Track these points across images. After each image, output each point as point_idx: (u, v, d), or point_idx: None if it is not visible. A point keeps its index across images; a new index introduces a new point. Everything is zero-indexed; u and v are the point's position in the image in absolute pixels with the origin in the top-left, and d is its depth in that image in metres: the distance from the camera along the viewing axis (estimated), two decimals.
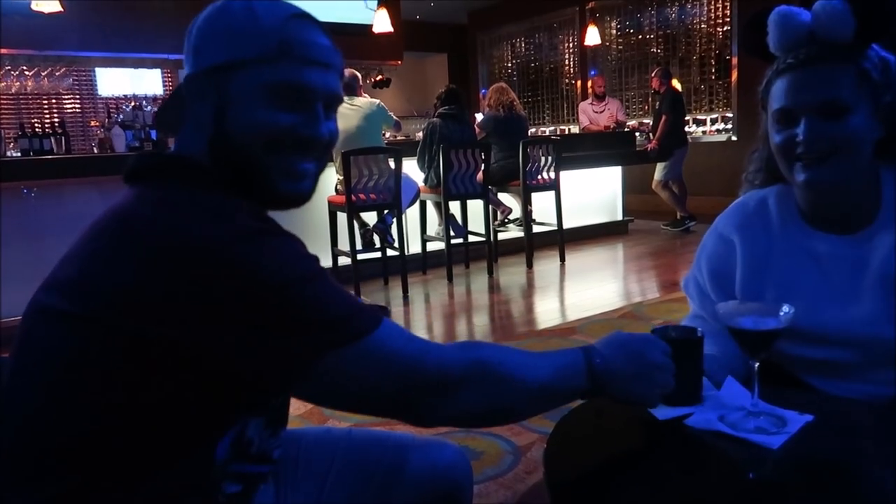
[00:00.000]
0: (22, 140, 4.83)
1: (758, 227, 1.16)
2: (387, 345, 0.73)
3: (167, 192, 0.74)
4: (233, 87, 0.76)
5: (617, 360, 0.85)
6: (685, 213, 6.39)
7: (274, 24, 0.76)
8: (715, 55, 7.75)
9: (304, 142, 0.79)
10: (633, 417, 0.95)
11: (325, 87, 0.80)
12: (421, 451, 0.96)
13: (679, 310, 3.63)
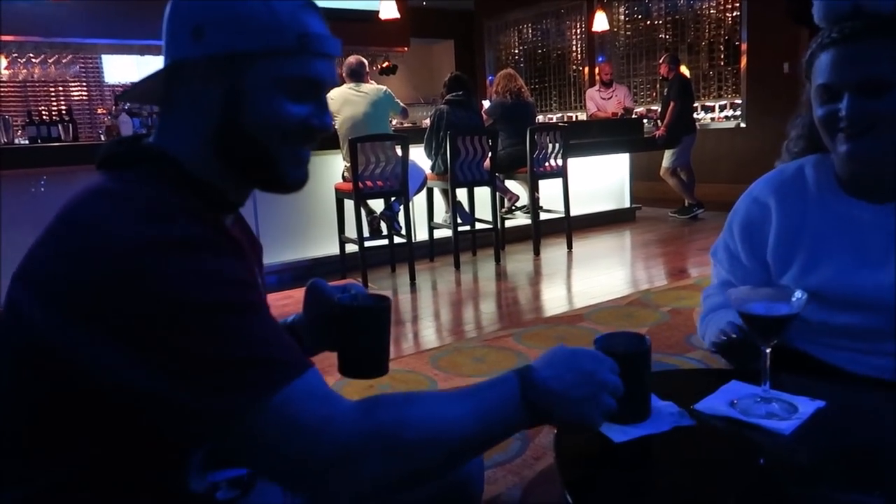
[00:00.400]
0: (30, 127, 4.84)
1: (794, 193, 1.18)
2: (293, 405, 0.65)
3: (115, 184, 0.71)
4: (249, 77, 0.74)
5: (560, 383, 0.76)
6: (693, 200, 6.36)
7: (290, 16, 0.75)
8: (724, 41, 7.67)
9: (314, 132, 0.79)
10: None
11: (331, 78, 0.80)
12: None
13: (687, 297, 3.62)
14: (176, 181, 0.74)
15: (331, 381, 0.71)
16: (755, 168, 5.87)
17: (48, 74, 5.95)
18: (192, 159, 0.76)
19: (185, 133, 0.77)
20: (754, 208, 1.22)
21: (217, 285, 0.65)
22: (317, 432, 0.65)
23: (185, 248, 0.65)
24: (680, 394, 0.98)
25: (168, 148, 0.77)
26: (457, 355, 2.91)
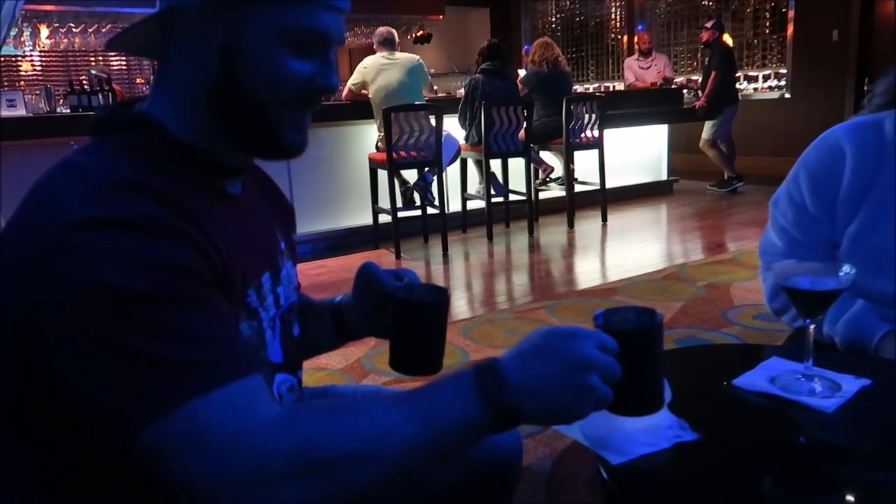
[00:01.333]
0: (71, 97, 4.92)
1: (871, 145, 1.13)
2: (202, 416, 0.57)
3: (82, 155, 0.67)
4: (249, 26, 0.68)
5: (530, 372, 0.64)
6: (733, 173, 6.21)
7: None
8: (770, 7, 7.39)
9: (318, 92, 0.73)
10: (684, 376, 0.92)
11: (339, 33, 0.73)
12: None
13: (724, 272, 3.55)
14: (157, 148, 0.69)
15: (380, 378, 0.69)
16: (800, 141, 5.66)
17: (88, 44, 6.02)
18: (182, 121, 0.71)
19: (177, 90, 0.71)
20: (828, 154, 1.17)
21: (146, 271, 0.58)
22: (224, 449, 0.57)
23: (119, 227, 0.59)
24: (717, 369, 0.96)
25: (157, 110, 0.72)
26: (489, 326, 2.91)
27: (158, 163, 0.68)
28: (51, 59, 7.57)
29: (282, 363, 0.81)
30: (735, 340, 2.62)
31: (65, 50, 6.62)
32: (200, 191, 0.71)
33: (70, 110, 4.89)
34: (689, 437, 0.79)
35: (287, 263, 0.88)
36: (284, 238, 0.90)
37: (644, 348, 0.70)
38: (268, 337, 0.78)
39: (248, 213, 0.80)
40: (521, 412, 0.63)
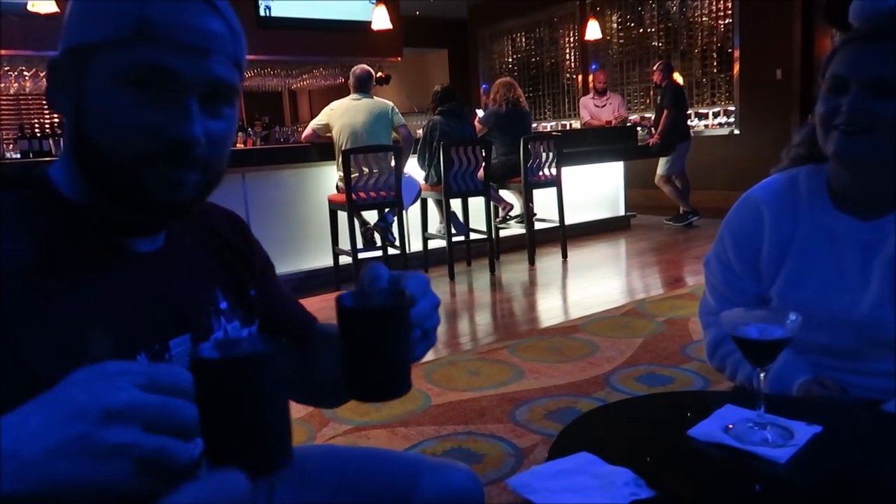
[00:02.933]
0: (22, 141, 4.82)
1: (786, 203, 1.16)
2: None
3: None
4: (89, 75, 0.65)
5: (20, 436, 0.44)
6: (688, 207, 6.36)
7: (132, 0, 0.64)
8: (717, 48, 7.69)
9: (175, 145, 0.65)
10: (639, 427, 0.92)
11: (198, 75, 0.65)
12: (432, 472, 0.93)
13: (683, 306, 3.61)
14: (40, 207, 0.67)
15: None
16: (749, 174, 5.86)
17: (40, 88, 5.92)
18: (72, 179, 0.69)
19: (65, 148, 0.70)
20: (747, 216, 1.20)
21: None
22: None
23: None
24: (673, 419, 0.96)
25: (55, 169, 0.70)
26: (451, 369, 2.88)
27: (34, 220, 0.66)
28: (1, 103, 7.42)
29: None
30: (695, 376, 2.64)
31: (16, 94, 6.49)
32: (86, 250, 0.68)
33: (20, 155, 4.79)
34: (645, 494, 0.78)
35: (229, 325, 0.81)
36: (233, 296, 0.84)
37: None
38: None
39: (164, 271, 0.75)
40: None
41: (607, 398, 2.46)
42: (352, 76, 4.56)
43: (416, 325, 0.68)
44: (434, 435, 2.24)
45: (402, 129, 4.51)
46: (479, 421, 2.33)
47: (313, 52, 6.43)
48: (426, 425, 2.31)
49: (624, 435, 0.95)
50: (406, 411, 2.44)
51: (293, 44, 6.18)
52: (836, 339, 1.07)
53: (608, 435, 0.96)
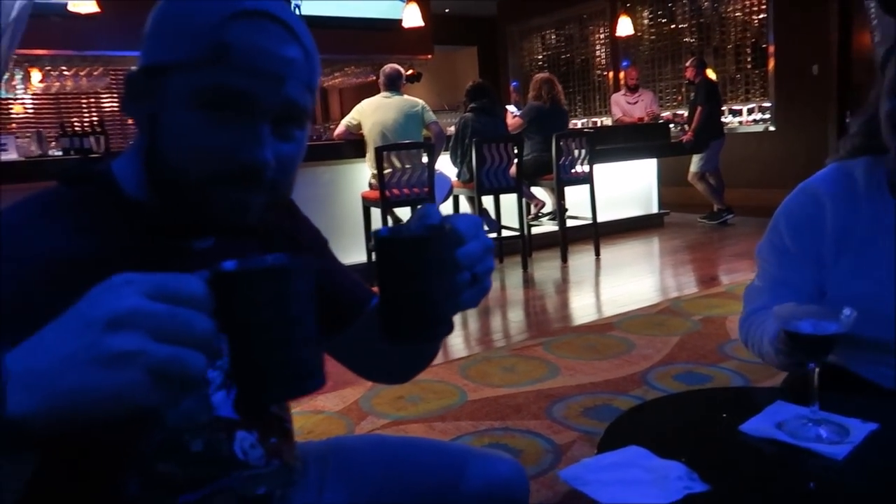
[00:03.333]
0: (63, 139, 4.94)
1: (846, 194, 1.15)
2: None
3: (14, 207, 0.67)
4: (166, 93, 0.66)
5: (34, 355, 0.45)
6: (722, 205, 6.27)
7: (210, 21, 0.64)
8: (751, 44, 7.57)
9: (244, 169, 0.65)
10: (689, 422, 0.92)
11: (272, 100, 0.65)
12: (479, 463, 0.94)
13: (719, 305, 3.56)
14: (103, 203, 0.69)
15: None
16: (785, 171, 5.83)
17: (80, 87, 6.06)
18: (137, 180, 0.70)
19: (135, 151, 0.71)
20: (807, 205, 1.18)
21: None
22: None
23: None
24: (722, 414, 0.96)
25: (119, 167, 0.72)
26: (486, 365, 2.89)
27: (97, 218, 0.68)
28: (42, 102, 7.60)
29: (239, 421, 0.77)
30: (734, 375, 2.61)
31: (56, 93, 6.65)
32: (144, 246, 0.69)
33: (62, 153, 4.90)
34: (699, 489, 0.78)
35: None
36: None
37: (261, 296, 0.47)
38: (217, 398, 0.74)
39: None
40: (6, 415, 0.43)
41: (645, 396, 2.44)
42: (382, 75, 4.59)
43: (464, 268, 0.63)
44: (471, 430, 2.25)
45: (434, 125, 4.53)
46: (516, 417, 2.33)
47: (344, 51, 6.48)
48: (463, 420, 2.33)
49: (674, 429, 0.95)
50: (442, 406, 2.45)
51: (324, 42, 6.14)
52: (891, 335, 1.06)
53: (657, 429, 0.96)
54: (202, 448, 0.72)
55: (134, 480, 0.69)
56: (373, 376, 0.96)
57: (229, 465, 0.75)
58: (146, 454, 0.69)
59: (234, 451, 0.76)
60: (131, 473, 0.69)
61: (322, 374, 0.51)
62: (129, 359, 0.44)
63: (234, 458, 0.75)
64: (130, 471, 0.69)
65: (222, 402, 0.75)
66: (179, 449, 0.71)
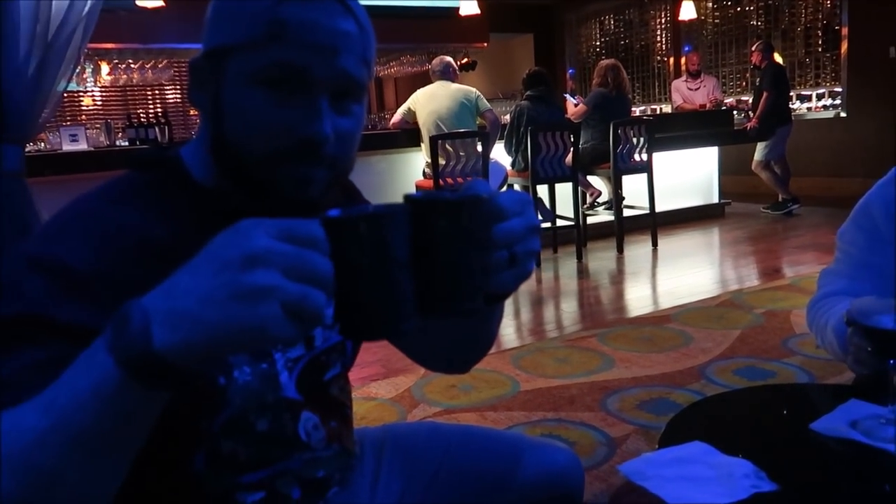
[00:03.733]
0: (129, 130, 5.12)
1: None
2: None
3: (96, 193, 0.70)
4: (226, 76, 0.67)
5: (172, 294, 0.48)
6: (787, 195, 6.03)
7: (267, 1, 0.65)
8: (822, 25, 7.23)
9: (306, 144, 0.66)
10: (756, 418, 0.88)
11: (329, 73, 0.66)
12: (535, 452, 0.93)
13: (783, 298, 3.43)
14: (173, 187, 0.71)
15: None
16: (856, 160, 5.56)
17: (145, 79, 6.26)
18: (204, 166, 0.72)
19: (201, 138, 0.73)
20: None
21: (16, 300, 0.59)
22: None
23: (35, 266, 0.61)
24: (792, 411, 0.92)
25: (187, 154, 0.74)
26: (539, 355, 2.86)
27: (169, 202, 0.70)
28: (110, 93, 7.89)
29: (304, 402, 0.78)
30: (799, 371, 2.51)
31: (124, 85, 6.89)
32: (214, 231, 0.70)
33: (128, 143, 5.08)
34: (768, 488, 0.75)
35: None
36: None
37: (372, 239, 0.50)
38: (282, 379, 0.76)
39: None
40: (152, 351, 0.46)
41: (703, 391, 2.37)
42: (431, 69, 4.59)
43: (502, 245, 0.59)
44: (524, 421, 2.23)
45: (489, 113, 4.49)
46: (569, 408, 2.30)
47: (400, 40, 6.49)
48: (515, 410, 2.31)
49: (740, 426, 0.92)
50: (495, 396, 2.44)
51: (380, 31, 6.14)
52: None
53: (721, 425, 0.93)
54: (267, 427, 0.74)
55: (200, 458, 0.71)
56: (430, 363, 0.95)
57: (292, 446, 0.77)
58: (214, 432, 0.71)
59: (298, 431, 0.77)
60: (199, 451, 0.71)
61: (417, 315, 0.55)
62: (266, 294, 0.45)
63: (298, 439, 0.77)
64: (199, 448, 0.71)
65: (286, 383, 0.76)
66: (246, 428, 0.73)
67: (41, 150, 4.38)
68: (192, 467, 0.71)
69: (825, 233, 5.10)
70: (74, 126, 5.14)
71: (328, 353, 0.83)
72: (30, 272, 0.61)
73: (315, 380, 0.81)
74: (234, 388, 0.71)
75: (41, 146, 4.66)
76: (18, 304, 0.59)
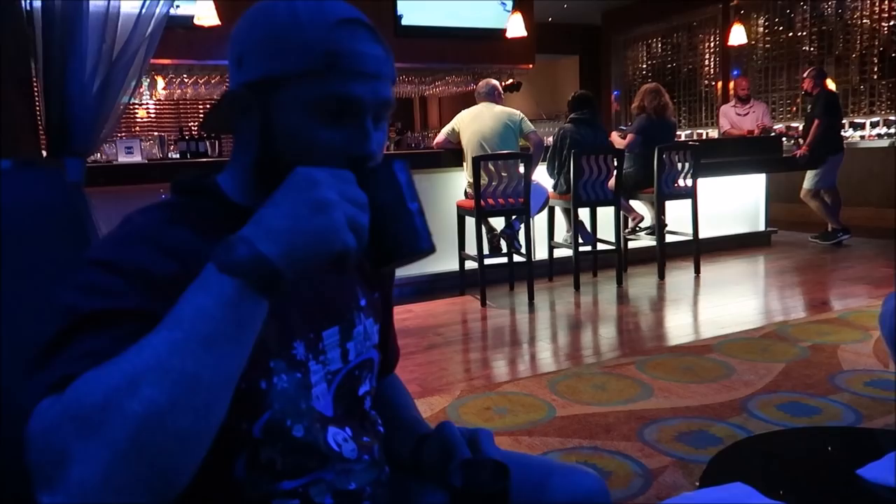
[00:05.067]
0: (181, 143, 5.28)
1: None
2: (29, 406, 0.56)
3: (144, 211, 0.75)
4: (278, 103, 0.72)
5: (265, 221, 0.61)
6: (838, 225, 5.87)
7: (320, 33, 0.71)
8: (878, 52, 7.06)
9: (356, 163, 0.72)
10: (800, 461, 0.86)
11: (374, 99, 0.73)
12: (563, 476, 0.93)
13: (831, 332, 3.34)
14: (213, 211, 0.76)
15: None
16: None
17: (198, 94, 6.44)
18: (243, 189, 0.77)
19: (238, 163, 0.78)
20: None
21: (89, 296, 0.64)
22: (24, 441, 0.54)
23: (102, 266, 0.67)
24: (837, 454, 0.89)
25: (224, 179, 0.79)
26: (576, 381, 2.83)
27: (210, 223, 0.74)
28: (164, 107, 8.15)
29: (332, 417, 0.81)
30: (845, 409, 2.44)
31: (177, 99, 7.10)
32: None
33: (180, 156, 5.23)
34: None
35: (367, 321, 0.88)
36: (367, 296, 0.91)
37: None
38: (318, 391, 0.80)
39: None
40: (265, 258, 0.58)
41: (745, 425, 2.32)
42: (479, 89, 4.62)
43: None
44: (559, 447, 2.21)
45: (533, 135, 4.50)
46: (606, 437, 2.27)
47: (445, 60, 6.55)
48: (550, 436, 2.29)
49: (783, 468, 0.90)
50: (530, 420, 2.42)
51: (426, 51, 6.32)
52: None
53: (765, 466, 0.91)
54: (302, 434, 0.77)
55: (241, 463, 0.74)
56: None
57: (325, 455, 0.79)
58: (254, 437, 0.74)
59: (329, 442, 0.80)
60: (240, 456, 0.74)
61: (432, 242, 0.71)
62: (334, 206, 0.60)
63: (330, 449, 0.80)
64: (240, 453, 0.74)
65: (324, 395, 0.80)
66: (284, 433, 0.76)
67: (97, 161, 4.54)
68: (233, 473, 0.74)
69: (877, 265, 4.95)
70: (130, 138, 5.32)
71: (360, 367, 0.87)
72: (105, 272, 0.66)
73: (351, 393, 0.85)
74: (274, 393, 0.74)
75: (98, 156, 4.83)
76: (97, 300, 0.63)
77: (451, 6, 6.30)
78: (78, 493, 0.50)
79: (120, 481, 0.51)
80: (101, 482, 0.51)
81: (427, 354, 3.25)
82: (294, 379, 0.77)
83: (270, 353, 0.75)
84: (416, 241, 0.69)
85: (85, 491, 0.50)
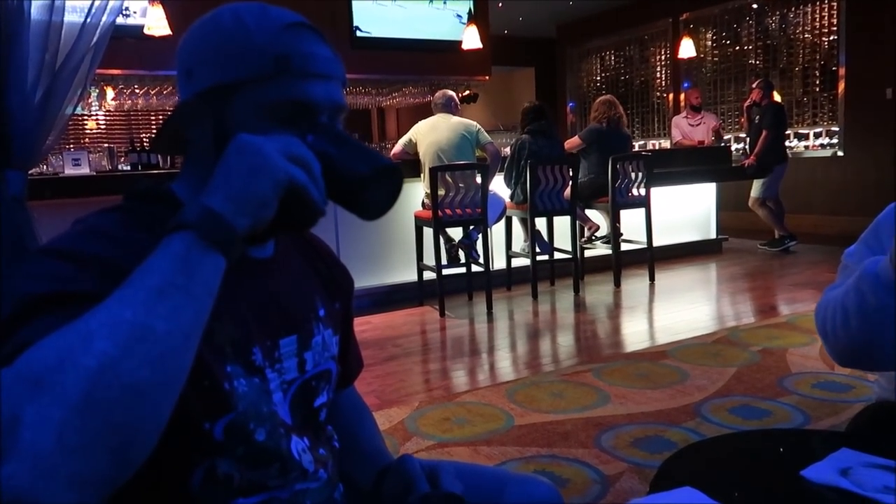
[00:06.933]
0: (132, 154, 5.15)
1: None
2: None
3: (98, 214, 0.74)
4: (231, 110, 0.72)
5: (213, 178, 0.63)
6: (784, 231, 6.06)
7: (268, 38, 0.71)
8: (820, 66, 7.34)
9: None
10: (747, 464, 0.88)
11: (327, 99, 0.74)
12: (517, 485, 0.94)
13: (780, 336, 3.43)
14: (168, 217, 0.71)
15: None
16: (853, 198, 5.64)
17: (150, 105, 6.31)
18: (194, 195, 0.74)
19: (193, 172, 0.77)
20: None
21: (42, 281, 0.62)
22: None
23: (55, 255, 0.65)
24: (782, 456, 0.92)
25: (179, 188, 0.78)
26: (534, 389, 2.85)
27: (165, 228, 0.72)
28: (114, 118, 7.96)
29: (292, 426, 0.80)
30: (794, 411, 2.50)
31: (128, 110, 6.95)
32: None
33: (130, 168, 5.11)
34: None
35: (325, 331, 0.88)
36: (326, 306, 0.90)
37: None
38: (276, 399, 0.78)
39: (274, 277, 0.82)
40: (204, 205, 0.60)
41: (698, 429, 2.36)
42: (435, 100, 4.64)
43: None
44: (517, 456, 2.21)
45: (490, 146, 4.54)
46: (563, 444, 2.29)
47: (402, 71, 6.56)
48: (509, 445, 2.29)
49: (730, 471, 0.92)
50: (489, 430, 2.43)
51: (383, 63, 6.33)
52: None
53: (713, 469, 0.93)
54: (265, 438, 0.75)
55: (198, 475, 0.72)
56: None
57: (286, 462, 0.77)
58: (216, 439, 0.71)
59: (291, 450, 0.78)
60: (198, 467, 0.72)
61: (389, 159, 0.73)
62: (267, 147, 0.62)
63: (291, 456, 0.78)
64: (200, 463, 0.72)
65: (280, 404, 0.79)
66: (245, 437, 0.73)
67: (43, 174, 4.41)
68: (189, 486, 0.72)
69: (822, 270, 5.12)
70: (78, 150, 5.18)
71: (318, 378, 0.85)
72: (58, 259, 0.64)
73: (306, 404, 0.84)
74: (237, 396, 0.73)
75: (44, 168, 4.69)
76: (51, 283, 0.61)
77: (407, 19, 6.33)
78: (31, 456, 0.47)
79: (73, 440, 0.48)
80: (54, 443, 0.48)
81: (386, 366, 3.23)
82: (253, 384, 0.76)
83: (227, 358, 0.74)
84: (375, 159, 0.69)
85: (37, 453, 0.47)
